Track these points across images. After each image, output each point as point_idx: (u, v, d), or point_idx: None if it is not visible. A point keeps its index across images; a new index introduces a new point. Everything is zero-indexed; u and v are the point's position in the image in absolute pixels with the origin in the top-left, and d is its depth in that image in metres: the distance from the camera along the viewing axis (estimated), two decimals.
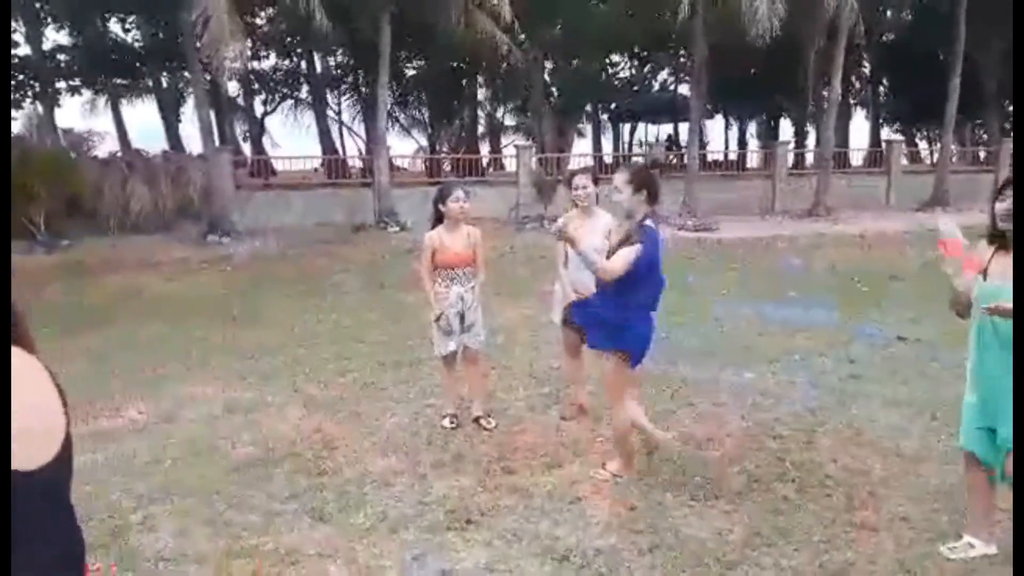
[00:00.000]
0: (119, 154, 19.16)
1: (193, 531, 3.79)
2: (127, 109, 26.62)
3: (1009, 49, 25.25)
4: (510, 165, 22.40)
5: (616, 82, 31.27)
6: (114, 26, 23.89)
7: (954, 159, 23.70)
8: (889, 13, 26.54)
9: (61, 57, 22.79)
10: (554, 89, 26.82)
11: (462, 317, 5.01)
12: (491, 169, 25.79)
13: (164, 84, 25.45)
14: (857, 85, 31.24)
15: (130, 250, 14.59)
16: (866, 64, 30.13)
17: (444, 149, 27.39)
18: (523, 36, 21.29)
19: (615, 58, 30.37)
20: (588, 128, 33.35)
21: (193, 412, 5.59)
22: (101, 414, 5.54)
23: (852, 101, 30.84)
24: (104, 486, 4.31)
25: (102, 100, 26.31)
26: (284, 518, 3.91)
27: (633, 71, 32.37)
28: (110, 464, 4.64)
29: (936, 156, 25.03)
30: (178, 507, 4.05)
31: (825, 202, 19.33)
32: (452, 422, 5.12)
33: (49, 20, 21.19)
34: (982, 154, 26.22)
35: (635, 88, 31.85)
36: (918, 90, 26.85)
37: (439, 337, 5.07)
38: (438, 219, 4.99)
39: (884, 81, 31.64)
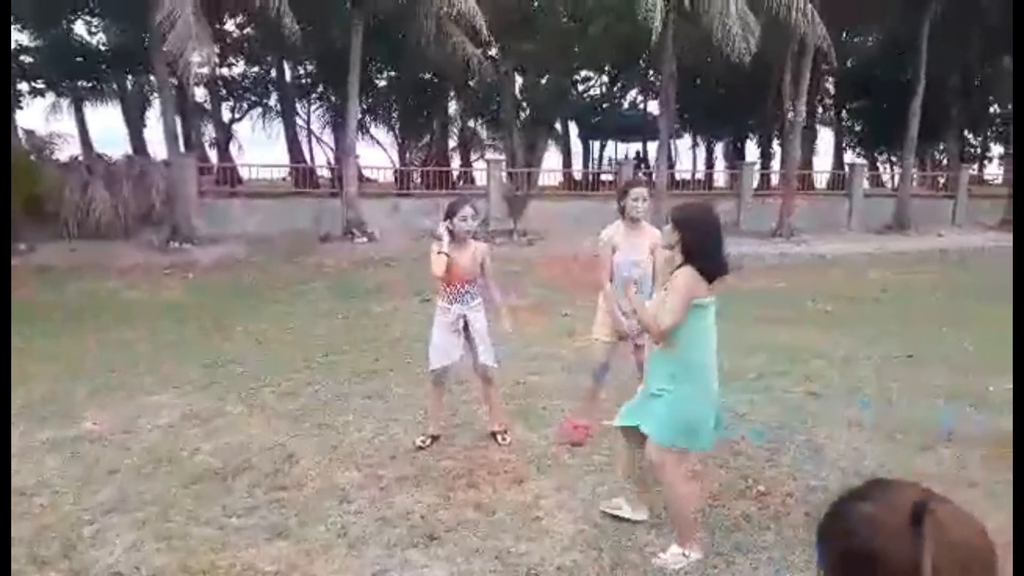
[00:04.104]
0: (80, 158, 18.82)
1: (147, 545, 3.70)
2: (90, 112, 26.21)
3: (967, 77, 26.10)
4: (480, 179, 22.42)
5: (587, 99, 31.56)
6: (79, 28, 23.52)
7: (915, 183, 24.28)
8: (854, 40, 27.21)
9: (24, 59, 22.34)
10: (524, 104, 26.96)
11: (464, 335, 4.96)
12: (461, 182, 25.79)
13: (129, 88, 25.08)
14: (821, 109, 31.92)
15: (90, 255, 14.32)
16: (830, 87, 30.83)
17: (415, 161, 27.36)
18: (494, 51, 21.40)
19: (586, 75, 30.64)
20: (558, 144, 33.53)
21: (151, 422, 5.47)
22: (57, 423, 5.40)
23: (816, 125, 31.50)
24: (58, 497, 4.20)
25: (65, 103, 25.85)
26: (241, 533, 3.83)
27: (603, 89, 32.70)
28: (65, 475, 4.52)
29: (897, 180, 25.60)
30: (133, 520, 3.95)
31: (789, 223, 19.65)
32: (424, 442, 4.99)
33: (12, 21, 20.78)
34: (942, 179, 26.90)
35: (605, 106, 32.17)
36: (880, 115, 27.54)
37: (432, 351, 4.99)
38: (451, 233, 4.90)
39: (847, 105, 32.36)
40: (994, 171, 34.00)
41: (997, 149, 33.30)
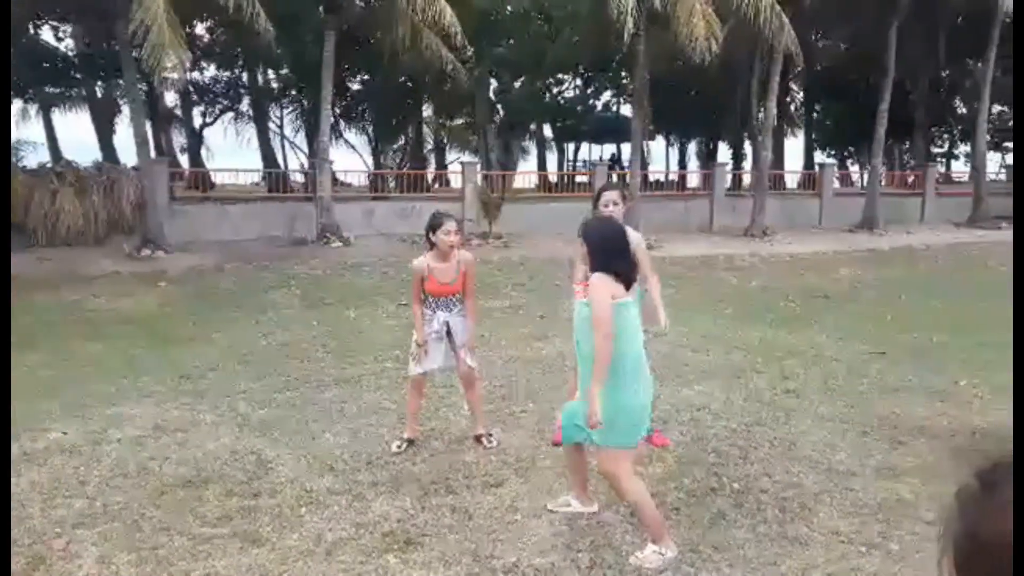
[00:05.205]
0: (49, 165, 18.51)
1: (117, 557, 3.64)
2: (59, 119, 25.82)
3: (934, 78, 26.56)
4: (455, 181, 22.39)
5: (561, 101, 31.66)
6: (46, 34, 23.16)
7: (883, 182, 24.61)
8: (823, 42, 27.56)
9: None
10: (499, 107, 26.99)
11: (447, 341, 4.98)
12: (436, 185, 25.74)
13: (98, 94, 24.72)
14: (792, 109, 32.28)
15: (59, 264, 14.07)
16: (799, 89, 31.19)
17: (389, 164, 27.27)
18: (469, 54, 21.39)
19: (559, 77, 30.76)
20: (533, 146, 33.64)
21: (122, 432, 5.38)
22: (25, 435, 5.29)
23: (787, 125, 31.83)
24: (26, 511, 4.11)
25: (33, 109, 25.43)
26: (214, 542, 3.79)
27: (577, 91, 32.83)
28: (33, 488, 4.43)
29: (866, 179, 25.93)
30: (103, 532, 3.89)
31: (761, 222, 19.82)
32: (400, 447, 4.99)
33: None
34: (910, 178, 27.30)
35: (579, 108, 32.29)
36: (849, 115, 27.92)
37: (413, 357, 5.03)
38: (431, 244, 4.94)
39: (817, 106, 32.76)
40: (961, 169, 34.63)
41: (963, 148, 33.88)
